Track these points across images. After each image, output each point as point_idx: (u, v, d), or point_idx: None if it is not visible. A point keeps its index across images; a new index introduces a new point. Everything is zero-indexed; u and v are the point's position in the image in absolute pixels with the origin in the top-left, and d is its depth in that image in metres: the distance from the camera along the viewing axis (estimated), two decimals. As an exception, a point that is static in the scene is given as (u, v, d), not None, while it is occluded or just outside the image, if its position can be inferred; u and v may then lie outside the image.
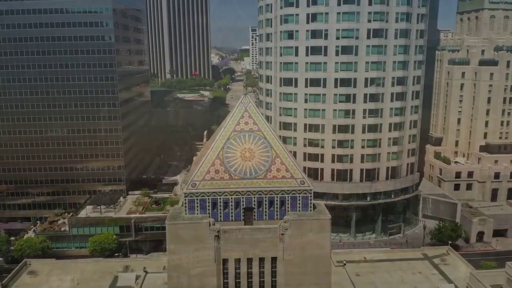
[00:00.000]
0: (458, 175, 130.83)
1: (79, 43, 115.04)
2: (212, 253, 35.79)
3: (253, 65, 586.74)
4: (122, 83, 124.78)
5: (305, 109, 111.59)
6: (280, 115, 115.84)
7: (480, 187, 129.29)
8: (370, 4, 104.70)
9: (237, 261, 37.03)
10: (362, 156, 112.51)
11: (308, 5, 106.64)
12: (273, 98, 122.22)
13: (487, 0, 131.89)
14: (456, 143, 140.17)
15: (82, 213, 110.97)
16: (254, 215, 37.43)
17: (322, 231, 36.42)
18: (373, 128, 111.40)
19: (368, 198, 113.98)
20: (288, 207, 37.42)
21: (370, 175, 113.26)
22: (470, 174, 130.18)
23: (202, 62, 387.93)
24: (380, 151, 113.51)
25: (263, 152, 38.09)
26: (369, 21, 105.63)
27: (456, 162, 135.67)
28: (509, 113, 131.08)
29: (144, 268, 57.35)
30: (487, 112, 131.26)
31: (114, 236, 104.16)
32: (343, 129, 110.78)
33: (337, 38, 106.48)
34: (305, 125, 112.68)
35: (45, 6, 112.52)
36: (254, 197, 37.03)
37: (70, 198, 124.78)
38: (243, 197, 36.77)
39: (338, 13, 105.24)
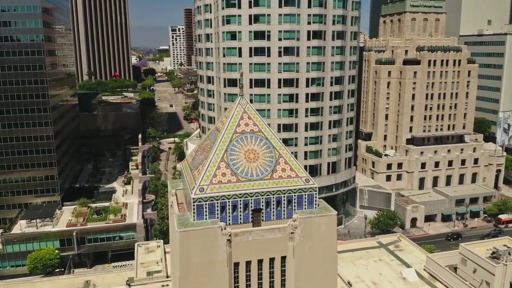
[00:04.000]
0: (389, 167, 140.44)
1: (4, 43, 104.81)
2: (225, 258, 35.17)
3: (174, 66, 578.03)
4: (52, 86, 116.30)
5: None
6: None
7: (409, 177, 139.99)
8: (309, 6, 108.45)
9: (248, 263, 36.81)
10: (306, 153, 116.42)
11: (250, 6, 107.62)
12: (216, 99, 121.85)
13: (408, 4, 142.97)
14: (385, 137, 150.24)
15: (16, 229, 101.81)
16: (262, 216, 37.47)
17: (329, 227, 37.54)
18: (315, 126, 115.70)
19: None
20: (295, 206, 37.99)
21: (313, 171, 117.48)
22: (400, 165, 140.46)
23: (122, 63, 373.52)
24: (321, 147, 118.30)
25: (266, 153, 38.19)
26: (308, 23, 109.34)
27: (386, 155, 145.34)
28: (431, 108, 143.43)
29: (127, 281, 54.24)
30: (412, 107, 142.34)
31: (56, 251, 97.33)
32: (287, 128, 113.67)
33: (280, 39, 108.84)
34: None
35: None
36: (262, 198, 37.01)
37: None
38: (251, 199, 36.57)
39: (280, 14, 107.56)
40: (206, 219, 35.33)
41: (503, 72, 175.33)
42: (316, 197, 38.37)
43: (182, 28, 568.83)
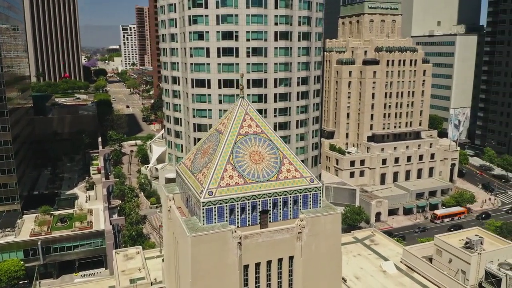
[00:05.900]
0: (352, 163, 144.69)
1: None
2: (236, 260, 35.17)
3: (126, 66, 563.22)
4: (9, 88, 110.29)
5: (220, 110, 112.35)
6: (194, 116, 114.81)
7: (371, 172, 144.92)
8: (276, 7, 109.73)
9: (257, 265, 37.00)
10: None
11: (217, 7, 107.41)
12: (183, 99, 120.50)
13: (366, 6, 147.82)
14: (347, 135, 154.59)
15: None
16: (269, 217, 37.79)
17: (334, 225, 38.44)
18: (283, 126, 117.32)
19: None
20: (300, 206, 38.58)
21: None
22: (362, 162, 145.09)
23: (72, 63, 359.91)
24: (289, 147, 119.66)
25: (270, 154, 38.52)
26: (276, 24, 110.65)
27: (348, 152, 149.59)
28: (390, 106, 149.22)
29: (120, 289, 52.68)
30: (372, 106, 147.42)
31: (21, 262, 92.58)
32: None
33: (248, 39, 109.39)
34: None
35: None
36: (270, 199, 37.29)
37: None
38: (259, 200, 36.78)
39: (247, 15, 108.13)
40: (215, 222, 35.26)
41: (453, 71, 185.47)
42: (320, 196, 39.28)
43: (134, 27, 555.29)
